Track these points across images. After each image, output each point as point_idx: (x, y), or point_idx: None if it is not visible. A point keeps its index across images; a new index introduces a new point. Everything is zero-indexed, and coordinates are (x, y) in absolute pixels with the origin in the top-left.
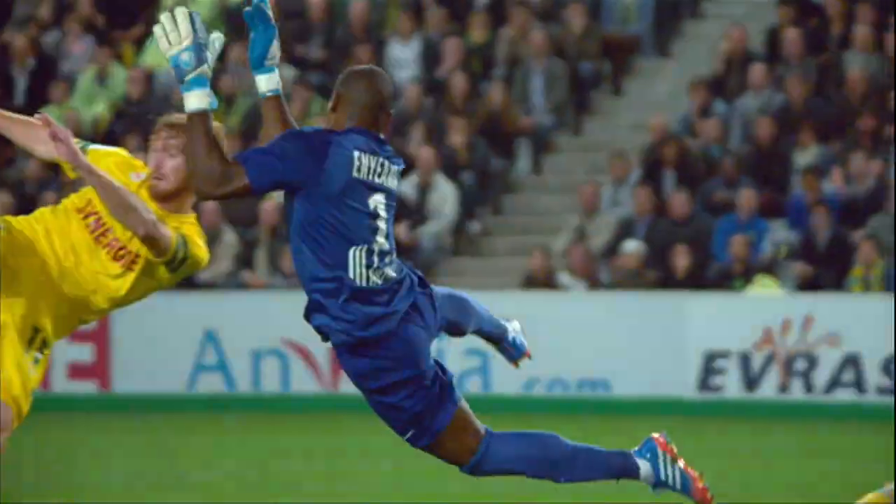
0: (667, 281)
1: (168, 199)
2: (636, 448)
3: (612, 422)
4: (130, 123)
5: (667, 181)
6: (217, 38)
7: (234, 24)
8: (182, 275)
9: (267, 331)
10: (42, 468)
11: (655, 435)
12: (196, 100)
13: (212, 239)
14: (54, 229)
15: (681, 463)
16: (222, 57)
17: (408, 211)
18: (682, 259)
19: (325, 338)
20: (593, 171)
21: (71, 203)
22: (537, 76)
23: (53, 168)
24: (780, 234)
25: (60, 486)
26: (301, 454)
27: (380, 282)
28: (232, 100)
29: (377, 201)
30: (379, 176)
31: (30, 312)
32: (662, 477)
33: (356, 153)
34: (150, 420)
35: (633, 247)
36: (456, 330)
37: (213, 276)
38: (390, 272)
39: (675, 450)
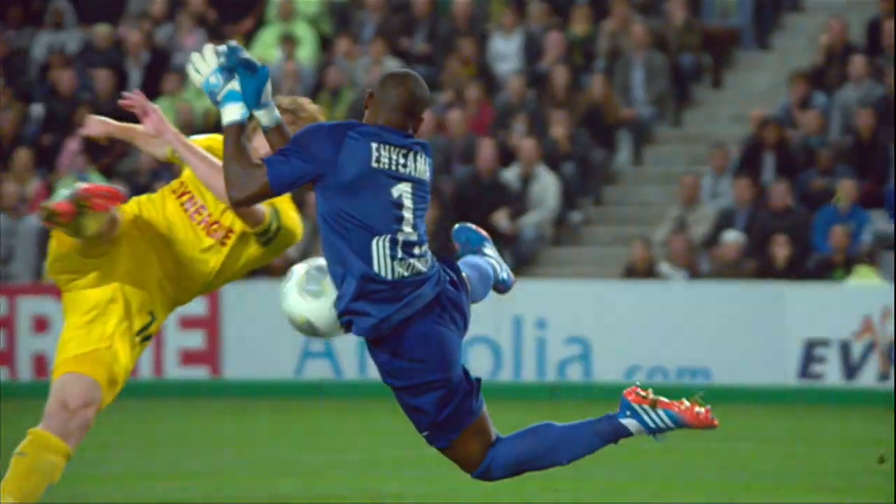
0: (766, 271)
1: None
2: (617, 411)
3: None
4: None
5: (766, 170)
6: (241, 50)
7: (340, 18)
8: (275, 250)
9: None
10: (155, 452)
11: (626, 391)
12: (229, 113)
13: (315, 230)
14: (151, 212)
15: (661, 405)
16: (328, 50)
17: (510, 201)
18: (781, 249)
19: (347, 328)
20: (693, 162)
21: (167, 187)
22: (638, 69)
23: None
24: (879, 224)
25: (173, 470)
26: (405, 438)
27: (406, 273)
28: (338, 92)
29: (402, 190)
30: (404, 167)
31: (148, 298)
32: (652, 426)
33: (374, 144)
34: (258, 405)
35: (732, 237)
36: (474, 301)
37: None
38: (419, 265)
39: (650, 395)
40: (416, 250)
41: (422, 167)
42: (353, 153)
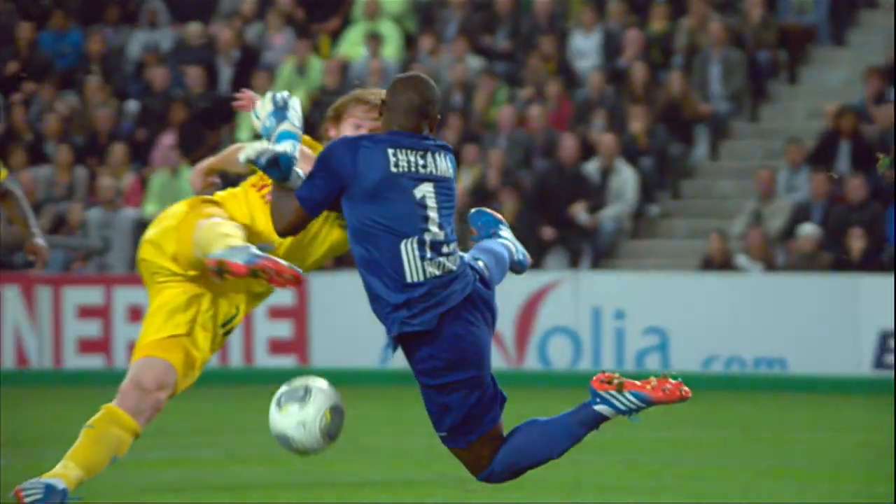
0: (841, 263)
1: None
2: (589, 400)
3: (787, 399)
4: (326, 111)
5: (842, 162)
6: (293, 101)
7: (424, 16)
8: None
9: None
10: (244, 438)
11: (592, 380)
12: (282, 150)
13: None
14: (235, 206)
15: (627, 387)
16: (412, 47)
17: (589, 194)
18: (856, 242)
19: (388, 332)
20: (769, 156)
21: (248, 181)
22: (715, 65)
23: None
24: None
25: (261, 455)
26: None
27: (437, 273)
28: None
29: (424, 191)
30: (423, 167)
31: (233, 291)
32: (623, 408)
33: (390, 150)
34: (344, 392)
35: (808, 230)
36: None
37: None
38: (448, 264)
39: (616, 379)
40: (445, 248)
41: (443, 165)
42: (371, 160)
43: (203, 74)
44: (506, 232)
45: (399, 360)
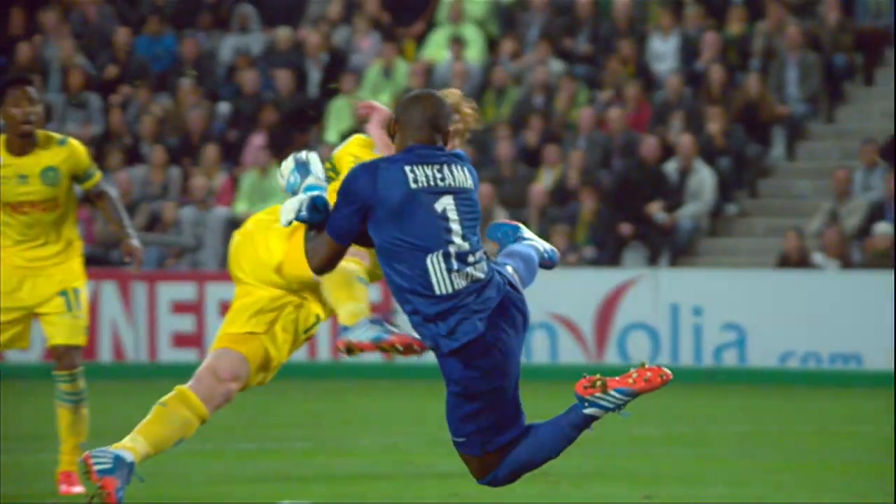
0: None
1: None
2: (576, 404)
3: (863, 393)
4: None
5: None
6: (312, 156)
7: (506, 19)
8: None
9: (536, 305)
10: (333, 430)
11: (576, 386)
12: (316, 193)
13: (485, 219)
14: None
15: (611, 385)
16: (495, 50)
17: (668, 194)
18: None
19: (435, 350)
20: (845, 156)
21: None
22: (792, 67)
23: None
24: None
25: (350, 447)
26: None
27: (465, 283)
28: (503, 91)
29: (445, 204)
30: (441, 180)
31: (317, 301)
32: (611, 406)
33: (406, 167)
34: (432, 387)
35: (883, 229)
36: (525, 287)
37: (488, 253)
38: (476, 272)
39: (598, 381)
40: (471, 258)
41: (461, 176)
42: (390, 180)
43: (292, 77)
44: (526, 233)
45: None
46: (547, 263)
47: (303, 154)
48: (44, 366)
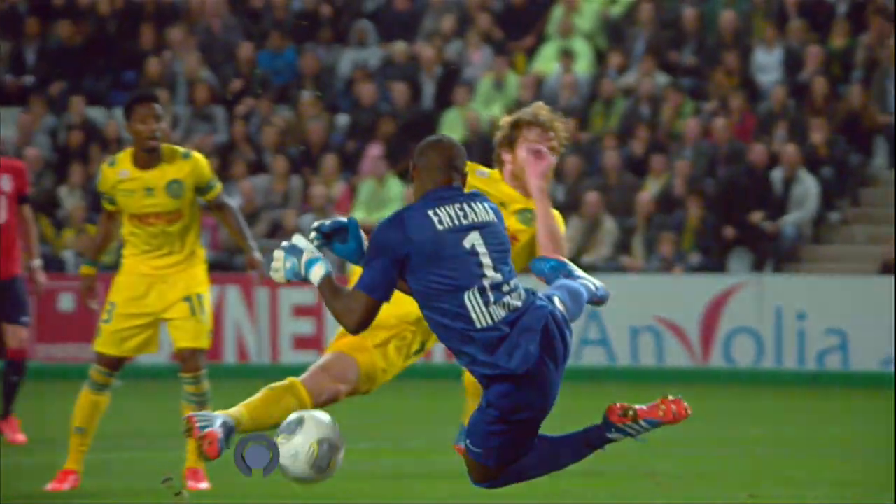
0: None
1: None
2: (603, 421)
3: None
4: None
5: None
6: (296, 237)
7: (614, 33)
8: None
9: (643, 309)
10: (449, 429)
11: (609, 411)
12: (316, 276)
13: (593, 226)
14: None
15: (642, 416)
16: (602, 63)
17: (771, 202)
18: None
19: (490, 380)
20: None
21: None
22: (894, 78)
23: None
24: None
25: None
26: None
27: (504, 312)
28: (611, 102)
29: (472, 240)
30: (465, 217)
31: (422, 331)
32: (634, 434)
33: (429, 211)
34: None
35: None
36: (573, 321)
37: (594, 259)
38: (513, 301)
39: (631, 412)
40: (506, 287)
41: (482, 210)
42: (419, 226)
43: (408, 90)
44: (577, 270)
45: (587, 358)
46: (598, 301)
47: (285, 242)
48: (172, 367)
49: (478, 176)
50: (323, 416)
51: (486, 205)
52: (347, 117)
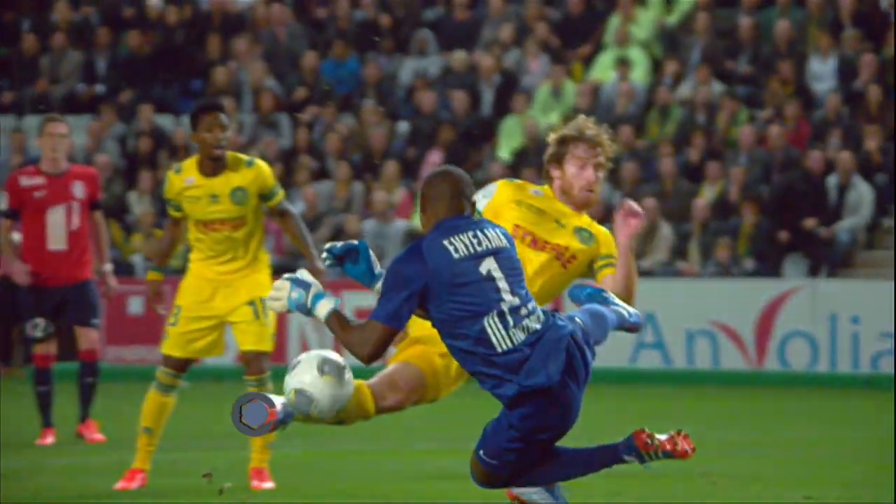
0: None
1: (582, 205)
2: (622, 442)
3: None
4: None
5: None
6: (303, 272)
7: (670, 42)
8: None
9: (699, 313)
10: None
11: (636, 436)
12: (322, 310)
13: (649, 232)
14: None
15: (662, 449)
16: (658, 71)
17: (825, 208)
18: None
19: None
20: None
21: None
22: None
23: (512, 168)
24: None
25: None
26: (728, 422)
27: (523, 335)
28: (666, 110)
29: (488, 266)
30: (479, 244)
31: None
32: (646, 461)
33: (444, 242)
34: (597, 390)
35: None
36: (596, 343)
37: (651, 264)
38: (532, 324)
39: (656, 442)
40: (524, 310)
41: (494, 236)
42: (436, 257)
43: (467, 98)
44: (612, 297)
45: (644, 361)
46: (632, 327)
47: (290, 275)
48: (237, 369)
49: (531, 194)
50: (313, 352)
51: (497, 231)
52: (408, 125)
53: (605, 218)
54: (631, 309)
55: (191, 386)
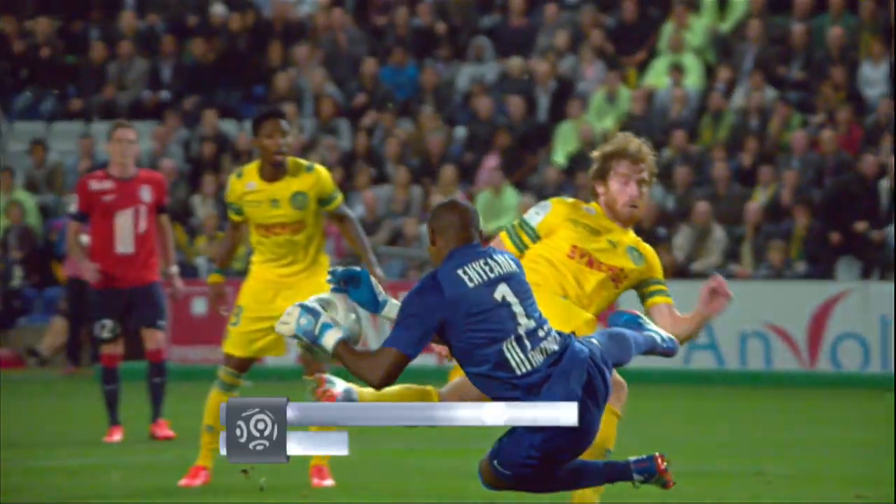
0: None
1: (626, 221)
2: (639, 461)
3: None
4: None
5: None
6: (311, 304)
7: (723, 48)
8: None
9: (752, 315)
10: None
11: (659, 459)
12: (330, 340)
13: (703, 235)
14: (556, 281)
15: (669, 476)
16: (712, 77)
17: (878, 212)
18: None
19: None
20: None
21: (552, 253)
22: None
23: (567, 172)
24: None
25: None
26: (781, 422)
27: (542, 357)
28: (719, 115)
29: (502, 291)
30: (491, 271)
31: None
32: (646, 482)
33: (458, 272)
34: (647, 390)
35: None
36: (619, 364)
37: (703, 266)
38: (550, 345)
39: (670, 469)
40: (540, 333)
41: (504, 262)
42: (453, 288)
43: (523, 103)
44: (648, 323)
45: (697, 362)
46: (665, 352)
47: (302, 302)
48: (298, 369)
49: (585, 212)
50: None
51: (506, 257)
52: (465, 130)
53: (658, 221)
54: (665, 334)
55: (253, 385)
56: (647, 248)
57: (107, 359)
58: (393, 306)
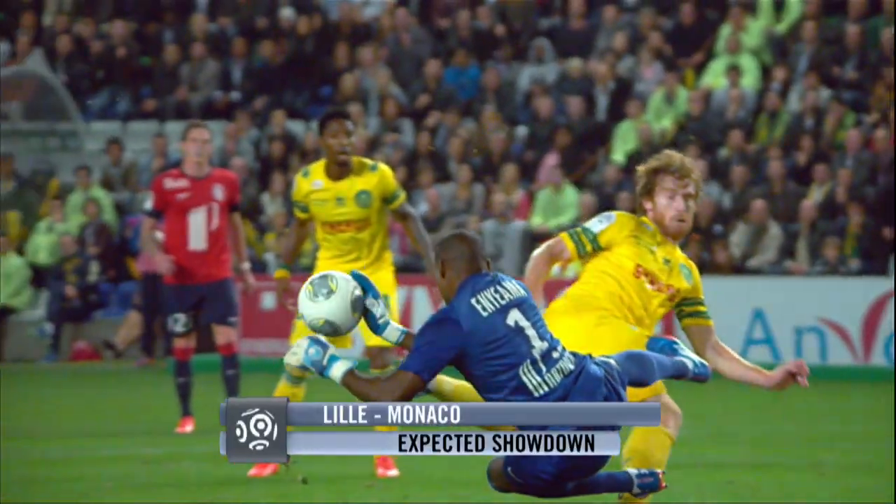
0: None
1: (674, 235)
2: (645, 477)
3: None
4: (690, 137)
5: None
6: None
7: (779, 49)
8: None
9: (807, 310)
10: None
11: (660, 474)
12: (338, 371)
13: (760, 233)
14: (615, 290)
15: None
16: (768, 77)
17: None
18: None
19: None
20: None
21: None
22: None
23: (626, 171)
24: None
25: None
26: (836, 415)
27: (559, 377)
28: (775, 114)
29: (514, 317)
30: (502, 298)
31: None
32: (643, 495)
33: (472, 301)
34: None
35: None
36: (640, 384)
37: (760, 263)
38: (565, 365)
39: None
40: (555, 354)
41: (514, 287)
42: (469, 319)
43: (582, 103)
44: (683, 349)
45: (753, 357)
46: (697, 378)
47: (311, 336)
48: (363, 362)
49: (644, 228)
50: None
51: (514, 282)
52: (526, 129)
53: (715, 218)
54: (697, 359)
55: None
56: (694, 267)
57: (179, 352)
58: (393, 330)
